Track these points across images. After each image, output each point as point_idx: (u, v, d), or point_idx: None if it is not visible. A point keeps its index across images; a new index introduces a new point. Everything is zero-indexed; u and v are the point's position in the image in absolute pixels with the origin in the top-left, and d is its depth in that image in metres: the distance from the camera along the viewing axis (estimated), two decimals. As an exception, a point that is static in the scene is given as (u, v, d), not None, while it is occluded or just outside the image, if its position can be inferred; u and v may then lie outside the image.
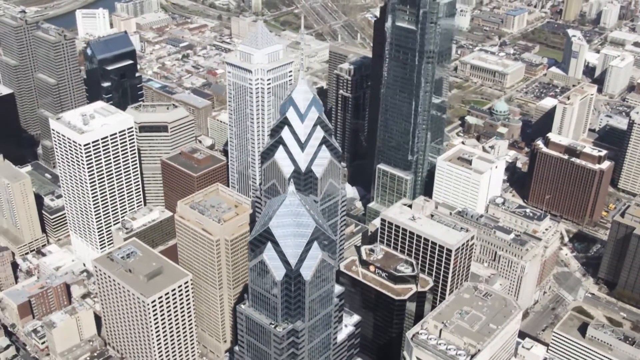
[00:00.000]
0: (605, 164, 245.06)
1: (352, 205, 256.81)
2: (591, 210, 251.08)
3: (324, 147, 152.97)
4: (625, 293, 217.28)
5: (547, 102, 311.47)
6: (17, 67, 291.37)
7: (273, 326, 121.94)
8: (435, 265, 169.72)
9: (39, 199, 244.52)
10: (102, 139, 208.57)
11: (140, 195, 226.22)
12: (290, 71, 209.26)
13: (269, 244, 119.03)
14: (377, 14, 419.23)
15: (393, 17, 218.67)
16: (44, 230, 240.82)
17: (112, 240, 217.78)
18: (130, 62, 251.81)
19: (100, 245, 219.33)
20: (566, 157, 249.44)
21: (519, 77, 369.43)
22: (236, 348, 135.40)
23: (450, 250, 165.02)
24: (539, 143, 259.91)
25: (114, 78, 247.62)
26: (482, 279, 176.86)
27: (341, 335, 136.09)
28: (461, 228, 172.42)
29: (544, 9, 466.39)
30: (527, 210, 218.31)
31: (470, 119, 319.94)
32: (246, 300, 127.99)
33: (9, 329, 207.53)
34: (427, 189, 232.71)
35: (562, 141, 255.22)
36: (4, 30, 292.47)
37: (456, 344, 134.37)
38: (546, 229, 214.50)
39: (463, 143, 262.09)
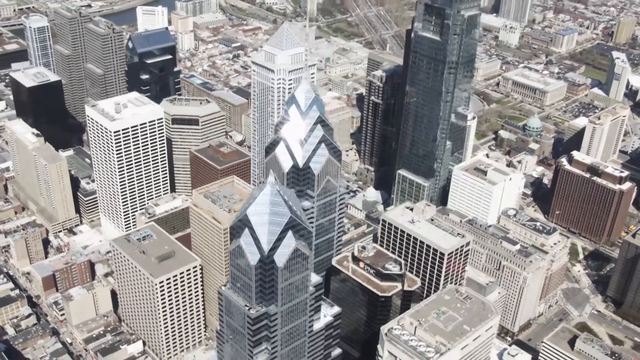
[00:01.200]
0: (627, 185, 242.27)
1: (373, 208, 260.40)
2: (609, 229, 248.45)
3: (323, 145, 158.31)
4: (631, 312, 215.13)
5: (580, 121, 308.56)
6: (70, 57, 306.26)
7: (247, 308, 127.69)
8: (429, 268, 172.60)
9: (76, 182, 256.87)
10: (131, 127, 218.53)
11: (167, 183, 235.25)
12: (313, 73, 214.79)
13: (247, 230, 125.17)
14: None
15: (419, 27, 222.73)
16: (77, 211, 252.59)
17: (136, 223, 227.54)
18: (170, 56, 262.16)
19: (126, 227, 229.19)
20: (588, 175, 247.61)
21: (560, 96, 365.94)
22: (218, 328, 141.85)
23: (444, 254, 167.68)
24: (563, 160, 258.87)
25: (153, 71, 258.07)
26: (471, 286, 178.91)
27: (318, 324, 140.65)
28: (458, 234, 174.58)
29: (595, 30, 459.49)
30: (537, 223, 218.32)
31: (503, 133, 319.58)
32: (228, 282, 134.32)
33: (33, 299, 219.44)
34: (444, 197, 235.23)
35: (585, 159, 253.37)
36: (60, 22, 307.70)
37: (428, 342, 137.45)
38: (554, 244, 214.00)
39: (487, 156, 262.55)
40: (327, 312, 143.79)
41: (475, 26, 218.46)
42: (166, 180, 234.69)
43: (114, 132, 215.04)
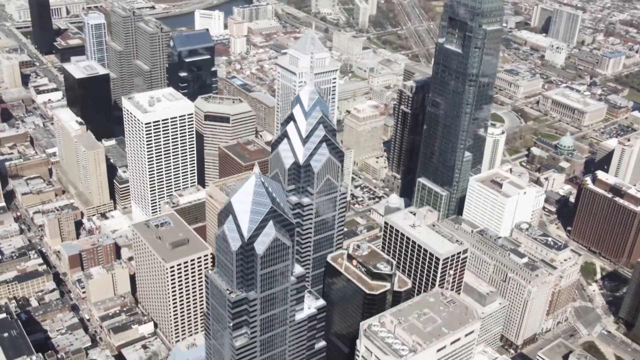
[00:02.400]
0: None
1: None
2: (629, 251, 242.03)
3: (324, 144, 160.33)
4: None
5: (611, 142, 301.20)
6: (121, 53, 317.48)
7: (229, 292, 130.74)
8: (425, 272, 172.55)
9: (113, 170, 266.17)
10: (162, 120, 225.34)
11: (194, 175, 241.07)
12: (334, 78, 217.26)
13: (230, 217, 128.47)
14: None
15: (442, 39, 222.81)
16: (112, 197, 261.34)
17: (160, 211, 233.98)
18: (208, 56, 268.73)
19: (152, 214, 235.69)
20: (610, 195, 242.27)
21: (599, 117, 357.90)
22: (204, 310, 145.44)
23: (439, 259, 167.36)
24: (587, 179, 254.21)
25: (191, 69, 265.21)
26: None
27: (301, 315, 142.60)
28: (456, 240, 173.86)
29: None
30: (549, 239, 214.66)
31: (535, 150, 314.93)
32: (215, 267, 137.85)
33: (60, 276, 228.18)
34: (461, 207, 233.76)
35: (608, 179, 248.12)
36: (115, 20, 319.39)
37: (404, 340, 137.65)
38: (565, 260, 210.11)
39: (510, 170, 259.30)
40: (312, 304, 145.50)
41: (498, 40, 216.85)
42: (193, 172, 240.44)
43: (145, 124, 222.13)
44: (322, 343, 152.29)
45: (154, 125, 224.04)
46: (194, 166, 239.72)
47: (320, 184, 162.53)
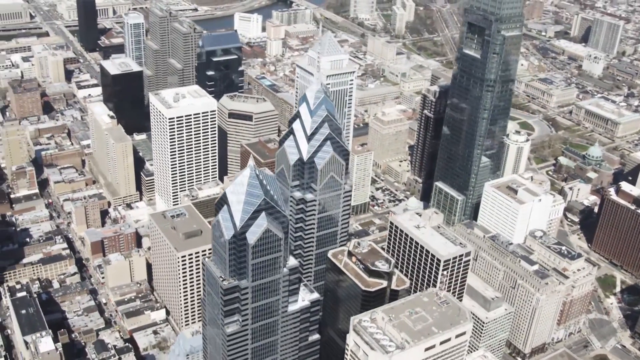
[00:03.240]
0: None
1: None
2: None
3: (328, 142, 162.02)
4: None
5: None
6: (157, 52, 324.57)
7: (221, 280, 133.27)
8: (427, 273, 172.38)
9: (141, 163, 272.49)
10: (185, 116, 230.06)
11: (215, 170, 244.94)
12: (352, 80, 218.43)
13: (225, 207, 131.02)
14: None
15: (462, 44, 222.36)
16: (139, 189, 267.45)
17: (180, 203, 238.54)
18: (235, 56, 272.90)
19: (174, 206, 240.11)
20: (633, 207, 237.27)
21: (634, 129, 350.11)
22: (201, 295, 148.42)
23: (440, 261, 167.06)
24: (610, 190, 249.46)
25: (218, 68, 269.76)
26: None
27: (294, 307, 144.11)
28: (460, 243, 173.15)
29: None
30: (563, 248, 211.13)
31: (562, 160, 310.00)
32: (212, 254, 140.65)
33: (83, 261, 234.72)
34: (477, 212, 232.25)
35: (632, 191, 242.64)
36: (153, 20, 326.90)
37: (392, 337, 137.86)
38: (578, 270, 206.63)
39: (531, 178, 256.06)
40: (306, 297, 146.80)
41: (517, 46, 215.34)
42: (215, 167, 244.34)
43: (169, 119, 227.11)
44: (316, 336, 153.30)
45: (177, 121, 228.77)
46: (215, 161, 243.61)
47: (324, 181, 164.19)
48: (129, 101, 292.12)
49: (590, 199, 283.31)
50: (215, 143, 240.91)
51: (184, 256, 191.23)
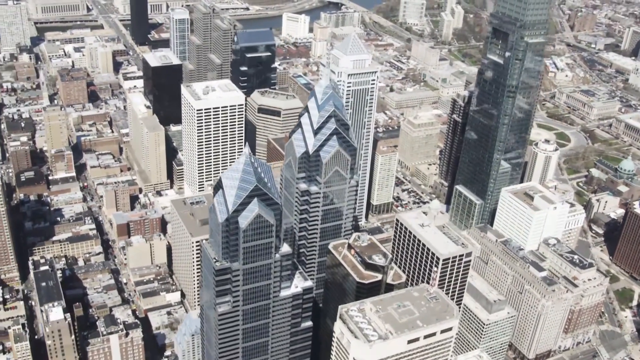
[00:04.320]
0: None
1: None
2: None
3: (335, 137, 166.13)
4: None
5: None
6: (200, 47, 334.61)
7: (214, 261, 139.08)
8: (426, 270, 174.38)
9: (174, 153, 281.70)
10: (213, 108, 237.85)
11: (234, 160, 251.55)
12: (373, 80, 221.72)
13: (220, 191, 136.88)
14: (559, 62, 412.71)
15: (487, 49, 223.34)
16: (170, 178, 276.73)
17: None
18: (269, 54, 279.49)
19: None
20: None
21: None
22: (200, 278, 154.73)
23: (439, 259, 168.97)
24: (635, 203, 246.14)
25: (252, 65, 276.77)
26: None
27: (286, 292, 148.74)
28: (462, 244, 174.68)
29: None
30: (575, 257, 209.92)
31: (594, 172, 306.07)
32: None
33: (109, 242, 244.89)
34: (494, 217, 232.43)
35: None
36: (197, 16, 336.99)
37: (377, 327, 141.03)
38: (588, 279, 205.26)
39: (555, 187, 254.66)
40: (299, 284, 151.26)
41: (541, 53, 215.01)
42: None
43: (197, 110, 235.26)
44: (309, 323, 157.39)
45: (205, 112, 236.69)
46: (241, 152, 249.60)
47: (329, 175, 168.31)
48: (167, 93, 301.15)
49: (617, 212, 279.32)
50: (242, 135, 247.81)
51: (198, 241, 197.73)
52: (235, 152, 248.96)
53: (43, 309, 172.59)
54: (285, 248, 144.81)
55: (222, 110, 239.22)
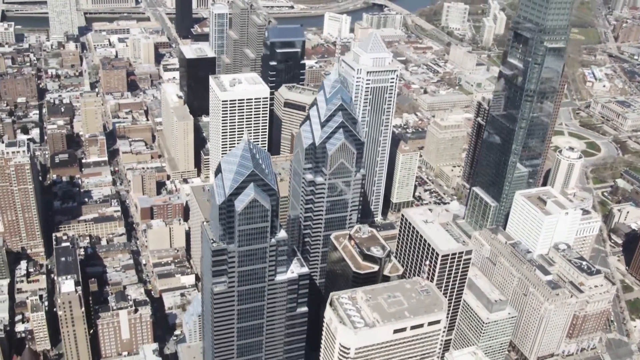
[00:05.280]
0: None
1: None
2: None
3: (341, 130, 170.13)
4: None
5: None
6: (236, 41, 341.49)
7: (212, 242, 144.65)
8: (428, 267, 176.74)
9: (203, 142, 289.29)
10: (238, 100, 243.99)
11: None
12: (393, 78, 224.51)
13: (220, 174, 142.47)
14: (597, 72, 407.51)
15: (508, 53, 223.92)
16: (197, 166, 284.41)
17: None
18: (298, 50, 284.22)
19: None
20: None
21: None
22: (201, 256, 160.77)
23: (438, 255, 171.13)
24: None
25: (281, 60, 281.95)
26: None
27: (282, 277, 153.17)
28: (463, 241, 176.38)
29: None
30: (584, 263, 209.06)
31: (620, 182, 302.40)
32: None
33: (133, 224, 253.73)
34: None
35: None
36: (235, 11, 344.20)
37: (365, 315, 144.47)
38: (595, 286, 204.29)
39: (574, 195, 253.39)
40: (296, 270, 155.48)
41: (560, 59, 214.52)
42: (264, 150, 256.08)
43: (222, 101, 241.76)
44: (304, 309, 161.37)
45: (230, 103, 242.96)
46: (265, 145, 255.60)
47: (334, 166, 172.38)
48: (200, 84, 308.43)
49: (639, 223, 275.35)
50: (265, 128, 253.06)
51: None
52: (258, 144, 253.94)
53: (57, 281, 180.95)
54: (282, 234, 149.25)
55: (247, 103, 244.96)
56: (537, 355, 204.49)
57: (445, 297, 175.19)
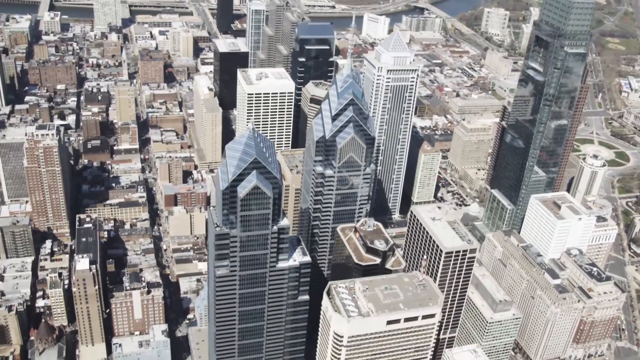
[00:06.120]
0: None
1: (470, 222, 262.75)
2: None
3: (351, 125, 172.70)
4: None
5: None
6: (271, 37, 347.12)
7: (215, 226, 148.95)
8: (432, 264, 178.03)
9: (232, 135, 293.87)
10: (264, 93, 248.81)
11: (288, 146, 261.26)
12: (413, 77, 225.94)
13: (225, 161, 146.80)
14: (634, 83, 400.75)
15: (529, 56, 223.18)
16: (224, 155, 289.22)
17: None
18: (326, 47, 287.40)
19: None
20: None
21: None
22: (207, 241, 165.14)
23: (442, 252, 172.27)
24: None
25: (310, 57, 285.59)
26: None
27: (283, 264, 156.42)
28: (468, 240, 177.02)
29: None
30: (594, 269, 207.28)
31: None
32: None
33: (157, 211, 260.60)
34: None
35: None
36: (271, 8, 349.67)
37: (360, 305, 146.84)
38: (604, 292, 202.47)
39: (593, 202, 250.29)
40: (298, 259, 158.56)
41: (581, 64, 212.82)
42: (288, 144, 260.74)
43: (248, 94, 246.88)
44: (305, 297, 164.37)
45: (255, 97, 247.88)
46: (289, 138, 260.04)
47: (343, 160, 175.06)
48: (233, 78, 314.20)
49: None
50: (290, 121, 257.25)
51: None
52: (283, 137, 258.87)
53: (74, 259, 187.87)
54: (284, 222, 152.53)
55: (272, 96, 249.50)
56: (542, 358, 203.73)
57: (449, 293, 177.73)
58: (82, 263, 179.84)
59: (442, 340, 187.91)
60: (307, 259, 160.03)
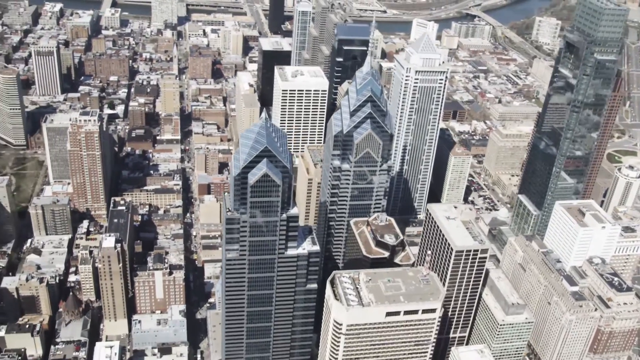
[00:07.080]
0: None
1: (497, 227, 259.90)
2: None
3: (368, 121, 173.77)
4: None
5: None
6: (316, 38, 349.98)
7: (227, 211, 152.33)
8: (444, 262, 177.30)
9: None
10: (297, 90, 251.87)
11: (321, 141, 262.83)
12: (442, 79, 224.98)
13: (238, 148, 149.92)
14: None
15: (559, 62, 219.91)
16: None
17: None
18: (364, 48, 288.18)
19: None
20: None
21: None
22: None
23: (453, 250, 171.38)
24: None
25: (348, 57, 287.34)
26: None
27: (292, 252, 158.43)
28: (480, 240, 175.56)
29: None
30: (616, 279, 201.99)
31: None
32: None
33: (192, 200, 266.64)
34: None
35: None
36: (317, 10, 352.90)
37: (361, 295, 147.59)
38: (624, 303, 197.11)
39: (624, 212, 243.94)
40: (307, 247, 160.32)
41: (611, 71, 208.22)
42: (320, 139, 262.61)
43: (282, 91, 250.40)
44: (314, 285, 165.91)
45: (289, 93, 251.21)
46: (321, 134, 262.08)
47: (360, 155, 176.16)
48: (273, 75, 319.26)
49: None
50: (323, 118, 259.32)
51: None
52: (315, 133, 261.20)
53: (101, 237, 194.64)
54: (294, 210, 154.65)
55: (305, 93, 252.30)
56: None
57: (459, 292, 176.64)
58: (109, 241, 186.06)
59: (453, 339, 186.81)
60: (317, 248, 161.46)
